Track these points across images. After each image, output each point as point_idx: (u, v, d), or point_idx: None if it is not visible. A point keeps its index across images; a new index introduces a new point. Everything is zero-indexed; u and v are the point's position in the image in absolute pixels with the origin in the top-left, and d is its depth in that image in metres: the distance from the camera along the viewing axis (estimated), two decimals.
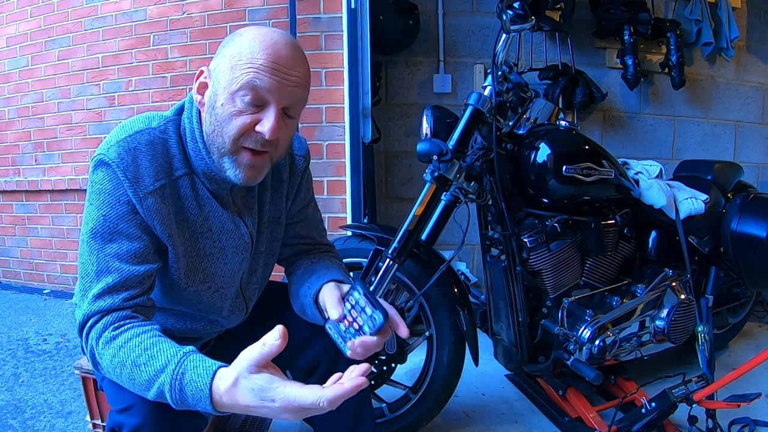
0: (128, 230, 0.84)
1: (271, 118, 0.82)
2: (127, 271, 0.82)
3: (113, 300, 0.81)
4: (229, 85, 0.81)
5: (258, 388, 0.69)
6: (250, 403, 0.70)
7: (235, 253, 0.98)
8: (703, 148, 2.90)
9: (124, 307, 0.82)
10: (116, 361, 0.78)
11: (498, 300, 1.61)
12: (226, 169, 0.87)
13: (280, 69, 0.81)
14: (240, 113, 0.82)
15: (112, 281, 0.81)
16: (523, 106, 1.53)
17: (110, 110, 2.82)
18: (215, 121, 0.84)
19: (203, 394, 0.72)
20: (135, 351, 0.77)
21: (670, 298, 1.65)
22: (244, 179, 0.87)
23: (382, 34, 2.39)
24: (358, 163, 2.26)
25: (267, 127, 0.82)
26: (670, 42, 2.59)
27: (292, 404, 0.68)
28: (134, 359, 0.76)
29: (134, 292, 0.83)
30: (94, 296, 0.81)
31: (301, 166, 1.08)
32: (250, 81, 0.80)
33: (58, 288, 3.10)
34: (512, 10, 1.37)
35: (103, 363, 0.80)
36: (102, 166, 0.84)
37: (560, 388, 1.70)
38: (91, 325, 0.81)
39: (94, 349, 0.80)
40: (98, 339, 0.80)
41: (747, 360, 1.52)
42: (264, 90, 0.81)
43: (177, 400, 0.74)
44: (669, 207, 1.65)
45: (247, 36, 0.83)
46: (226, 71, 0.82)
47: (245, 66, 0.80)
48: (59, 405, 1.77)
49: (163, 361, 0.75)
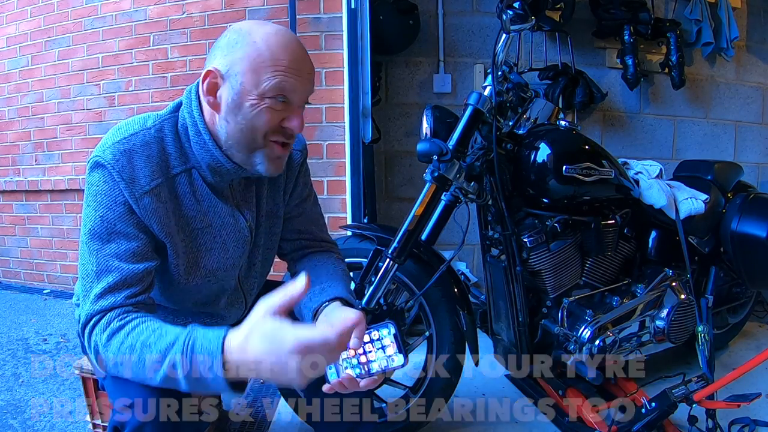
0: (126, 230, 0.85)
1: (299, 114, 0.90)
2: (127, 269, 0.83)
3: (115, 298, 0.82)
4: (256, 86, 0.85)
5: (270, 332, 0.70)
6: (260, 353, 0.70)
7: (236, 247, 0.99)
8: (703, 148, 2.90)
9: (126, 304, 0.83)
10: (125, 346, 0.78)
11: (498, 300, 1.61)
12: (257, 163, 0.91)
13: (299, 68, 0.87)
14: (269, 111, 0.86)
15: (113, 280, 0.82)
16: (523, 106, 1.53)
17: (110, 110, 2.81)
18: (243, 120, 0.87)
19: (215, 355, 0.72)
20: (144, 333, 0.78)
21: (670, 298, 1.65)
22: (274, 170, 0.93)
23: (382, 34, 2.39)
24: (358, 163, 2.26)
25: (296, 123, 0.89)
26: (670, 42, 2.59)
27: (302, 344, 0.69)
28: (144, 340, 0.78)
29: (135, 290, 0.84)
30: (96, 296, 0.82)
31: (298, 161, 1.10)
32: (278, 83, 0.85)
33: (58, 288, 3.10)
34: (512, 10, 1.37)
35: (109, 354, 0.80)
36: (98, 167, 0.85)
37: (560, 388, 1.69)
38: (94, 324, 0.81)
39: (98, 344, 0.81)
40: (103, 332, 0.80)
41: (747, 360, 1.52)
42: (290, 90, 0.86)
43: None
44: (669, 207, 1.65)
45: (259, 36, 0.86)
46: (248, 73, 0.85)
47: (271, 69, 0.85)
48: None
49: (173, 336, 0.77)
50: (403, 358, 0.82)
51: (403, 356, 0.83)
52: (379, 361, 0.83)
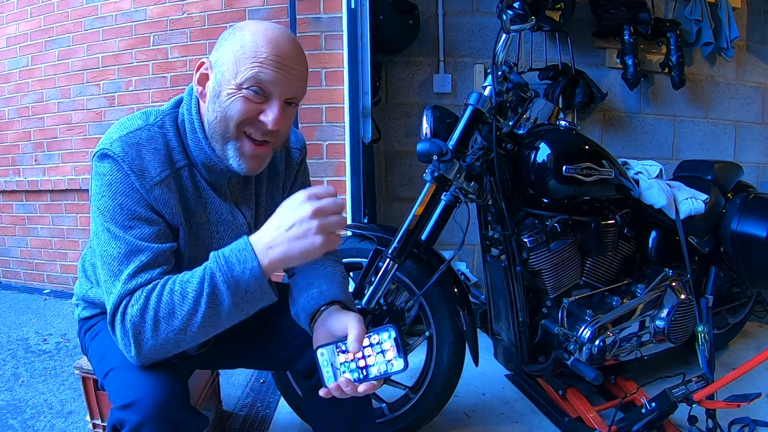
0: (146, 214, 0.86)
1: (275, 109, 0.86)
2: (156, 248, 0.85)
3: (150, 275, 0.83)
4: (234, 76, 0.84)
5: (286, 205, 0.79)
6: (279, 218, 0.78)
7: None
8: (703, 148, 2.90)
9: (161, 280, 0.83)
10: (165, 296, 0.80)
11: (498, 300, 1.61)
12: (229, 157, 0.90)
13: (283, 63, 0.85)
14: (244, 100, 0.85)
15: (146, 258, 0.83)
16: (523, 106, 1.53)
17: (110, 110, 2.81)
18: (219, 108, 0.87)
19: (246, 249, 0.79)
20: (178, 278, 0.81)
21: (670, 298, 1.65)
22: (247, 168, 0.91)
23: (382, 34, 2.39)
24: (358, 163, 2.26)
25: (271, 117, 0.86)
26: (670, 42, 2.59)
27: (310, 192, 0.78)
28: (180, 279, 0.81)
29: (166, 268, 0.85)
30: (129, 275, 0.82)
31: (297, 159, 1.10)
32: (255, 74, 0.83)
33: (58, 288, 3.10)
34: (512, 10, 1.37)
35: (148, 318, 0.79)
36: (107, 158, 0.85)
37: (560, 388, 1.70)
38: (127, 302, 0.81)
39: (135, 317, 0.79)
40: (136, 303, 0.80)
41: (747, 360, 1.52)
42: (268, 83, 0.84)
43: (228, 277, 0.78)
44: (669, 207, 1.65)
45: (250, 30, 0.86)
46: (230, 63, 0.85)
47: (250, 59, 0.83)
48: (59, 405, 1.77)
49: (203, 266, 0.81)
50: (404, 363, 0.82)
51: (404, 360, 0.82)
52: (378, 366, 0.82)
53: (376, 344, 0.84)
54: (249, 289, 0.79)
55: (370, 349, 0.84)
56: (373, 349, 0.84)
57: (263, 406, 1.74)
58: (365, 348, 0.84)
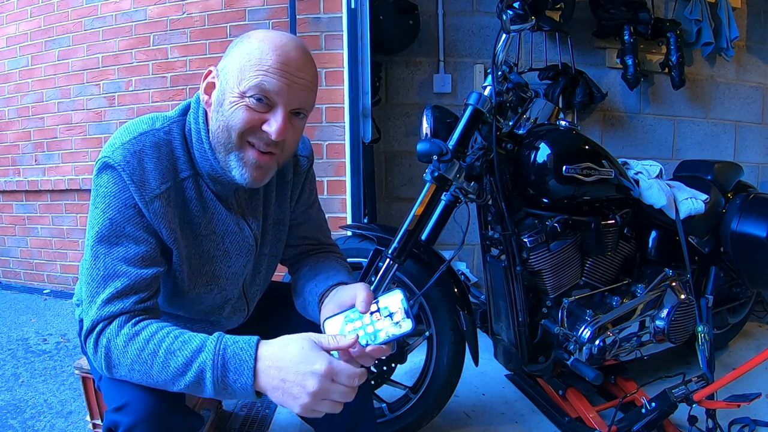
0: (135, 233, 0.83)
1: (279, 118, 0.82)
2: (135, 274, 0.81)
3: (123, 304, 0.80)
4: (238, 84, 0.82)
5: (308, 346, 0.74)
6: (293, 364, 0.72)
7: (239, 256, 0.97)
8: (703, 148, 2.90)
9: (134, 310, 0.81)
10: (146, 353, 0.77)
11: (498, 300, 1.61)
12: (232, 168, 0.86)
13: (289, 71, 0.82)
14: (247, 109, 0.82)
15: (121, 285, 0.80)
16: (523, 106, 1.53)
17: (110, 110, 2.82)
18: (222, 118, 0.84)
19: (247, 364, 0.74)
20: (167, 339, 0.77)
21: (670, 298, 1.65)
22: (250, 180, 0.87)
23: (382, 34, 2.39)
24: (358, 163, 2.26)
25: (274, 127, 0.82)
26: (670, 42, 2.59)
27: (333, 368, 0.72)
28: (167, 346, 0.76)
29: (143, 296, 0.82)
30: (104, 301, 0.80)
31: (305, 167, 1.08)
32: (258, 83, 0.81)
33: (58, 288, 3.10)
34: (512, 10, 1.37)
35: (126, 360, 0.78)
36: (107, 169, 0.82)
37: (560, 388, 1.70)
38: (101, 329, 0.79)
39: (111, 349, 0.78)
40: (116, 337, 0.78)
41: (747, 360, 1.52)
42: (273, 92, 0.81)
43: (218, 379, 0.74)
44: (669, 207, 1.65)
45: (257, 37, 0.83)
46: (235, 71, 0.82)
47: (255, 67, 0.81)
48: (59, 405, 1.77)
49: (199, 342, 0.76)
50: (411, 323, 0.80)
51: (411, 321, 0.80)
52: (386, 329, 0.81)
53: (383, 308, 0.83)
54: (234, 394, 0.76)
55: (378, 314, 0.83)
56: (380, 313, 0.83)
57: (263, 406, 1.74)
58: (373, 313, 0.83)
